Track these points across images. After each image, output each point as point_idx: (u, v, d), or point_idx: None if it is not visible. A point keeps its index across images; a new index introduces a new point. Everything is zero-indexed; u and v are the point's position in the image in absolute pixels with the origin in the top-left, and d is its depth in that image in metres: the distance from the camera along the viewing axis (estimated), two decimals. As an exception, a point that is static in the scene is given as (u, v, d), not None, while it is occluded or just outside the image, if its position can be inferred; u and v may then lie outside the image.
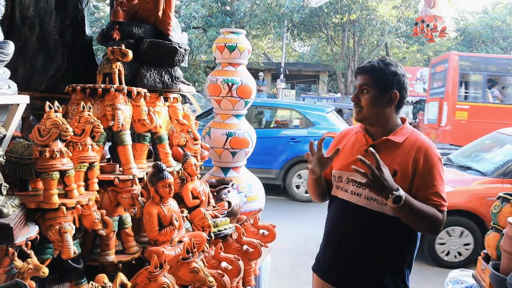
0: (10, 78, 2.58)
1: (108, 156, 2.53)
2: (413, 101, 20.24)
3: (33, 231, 1.64)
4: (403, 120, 2.03)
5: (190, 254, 1.92)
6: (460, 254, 4.94)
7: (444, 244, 4.92)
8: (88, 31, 2.43)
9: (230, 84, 3.24)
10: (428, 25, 3.80)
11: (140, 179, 2.24)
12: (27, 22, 2.48)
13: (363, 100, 1.93)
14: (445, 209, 1.89)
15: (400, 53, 26.10)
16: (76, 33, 2.37)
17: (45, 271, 1.56)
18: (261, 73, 22.12)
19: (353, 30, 19.94)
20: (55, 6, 2.36)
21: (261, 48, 26.54)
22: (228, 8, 19.63)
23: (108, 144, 2.38)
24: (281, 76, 20.97)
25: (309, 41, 26.53)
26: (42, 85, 2.34)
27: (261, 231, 2.91)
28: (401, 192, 1.74)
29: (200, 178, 2.76)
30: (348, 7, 17.45)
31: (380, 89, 1.90)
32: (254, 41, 24.15)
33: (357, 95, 1.95)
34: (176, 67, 2.41)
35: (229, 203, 2.91)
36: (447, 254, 4.94)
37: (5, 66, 2.63)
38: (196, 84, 21.31)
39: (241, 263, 2.40)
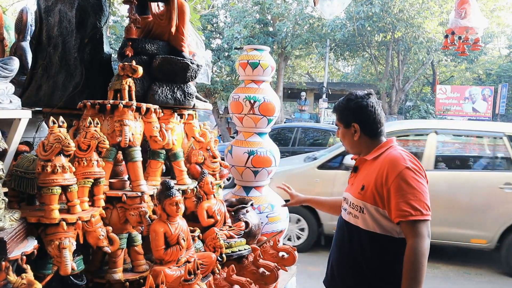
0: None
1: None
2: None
3: (30, 245, 1.63)
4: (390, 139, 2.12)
5: (192, 276, 1.85)
6: None
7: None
8: (106, 48, 2.47)
9: (252, 101, 3.18)
10: (460, 37, 3.59)
11: (153, 196, 2.21)
12: (52, 41, 2.56)
13: (339, 135, 2.17)
14: (418, 218, 1.80)
15: (447, 71, 25.18)
16: (94, 51, 2.41)
17: (37, 287, 1.53)
18: (303, 93, 22.00)
19: (398, 49, 19.44)
20: (76, 25, 2.42)
21: (304, 68, 26.44)
22: (270, 28, 19.76)
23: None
24: (324, 96, 20.78)
25: (353, 61, 26.17)
26: (62, 101, 2.39)
27: (280, 253, 2.79)
28: None
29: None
30: (392, 25, 17.04)
31: (344, 125, 2.10)
32: (296, 61, 24.15)
33: (337, 132, 2.19)
34: (189, 83, 2.39)
35: (247, 223, 2.82)
36: None
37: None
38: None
39: (254, 286, 2.29)
